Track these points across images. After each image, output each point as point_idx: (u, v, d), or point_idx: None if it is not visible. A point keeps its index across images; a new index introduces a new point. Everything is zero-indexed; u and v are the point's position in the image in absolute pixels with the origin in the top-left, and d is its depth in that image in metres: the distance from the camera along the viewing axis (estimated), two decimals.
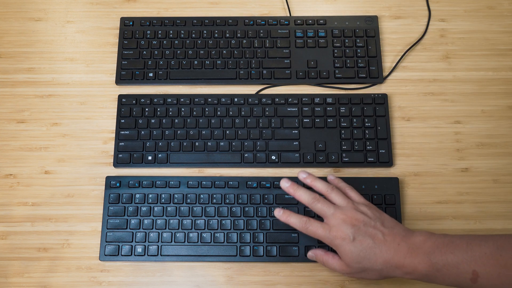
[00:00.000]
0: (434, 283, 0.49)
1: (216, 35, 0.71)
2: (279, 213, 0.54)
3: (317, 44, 0.70)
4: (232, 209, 0.62)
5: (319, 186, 0.55)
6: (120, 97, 0.68)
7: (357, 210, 0.52)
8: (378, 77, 0.69)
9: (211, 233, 0.61)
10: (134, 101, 0.67)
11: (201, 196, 0.62)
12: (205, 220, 0.61)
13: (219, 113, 0.67)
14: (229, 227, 0.61)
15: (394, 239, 0.49)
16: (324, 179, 0.62)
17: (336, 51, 0.70)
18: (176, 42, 0.71)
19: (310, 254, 0.56)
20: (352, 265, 0.50)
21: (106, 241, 0.60)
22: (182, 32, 0.71)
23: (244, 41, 0.71)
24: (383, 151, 0.64)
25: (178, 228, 0.61)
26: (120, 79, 0.69)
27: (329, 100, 0.67)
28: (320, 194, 0.55)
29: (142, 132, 0.66)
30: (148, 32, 0.71)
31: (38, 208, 0.63)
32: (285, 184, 0.55)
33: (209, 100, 0.67)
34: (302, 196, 0.54)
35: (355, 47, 0.70)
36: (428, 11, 0.73)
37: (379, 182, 0.62)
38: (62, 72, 0.70)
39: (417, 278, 0.49)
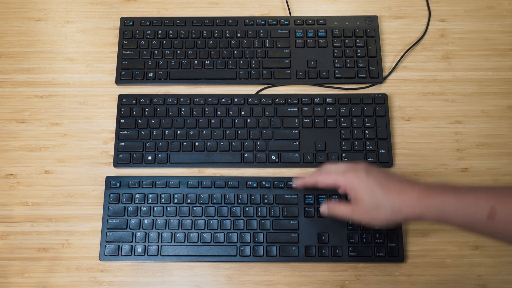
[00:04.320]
0: (445, 223, 0.47)
1: (216, 35, 0.71)
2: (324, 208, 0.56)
3: (317, 44, 0.70)
4: (232, 209, 0.62)
5: (331, 182, 0.54)
6: (120, 97, 0.68)
7: None
8: (378, 77, 0.69)
9: (211, 233, 0.61)
10: (134, 101, 0.67)
11: (201, 196, 0.62)
12: (205, 220, 0.61)
13: (219, 113, 0.66)
14: (229, 227, 0.61)
15: (408, 179, 0.51)
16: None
17: (336, 51, 0.70)
18: (176, 42, 0.71)
19: (322, 208, 0.55)
20: (366, 199, 0.49)
21: (106, 241, 0.60)
22: (182, 32, 0.71)
23: (244, 41, 0.71)
24: (383, 151, 0.64)
25: (178, 228, 0.61)
26: (120, 79, 0.69)
27: (329, 100, 0.67)
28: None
29: (142, 132, 0.66)
30: (148, 32, 0.71)
31: (38, 208, 0.63)
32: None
33: (209, 100, 0.67)
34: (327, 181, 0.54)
35: (355, 47, 0.70)
36: (428, 11, 0.73)
37: None
38: (62, 72, 0.70)
39: (429, 217, 0.47)
